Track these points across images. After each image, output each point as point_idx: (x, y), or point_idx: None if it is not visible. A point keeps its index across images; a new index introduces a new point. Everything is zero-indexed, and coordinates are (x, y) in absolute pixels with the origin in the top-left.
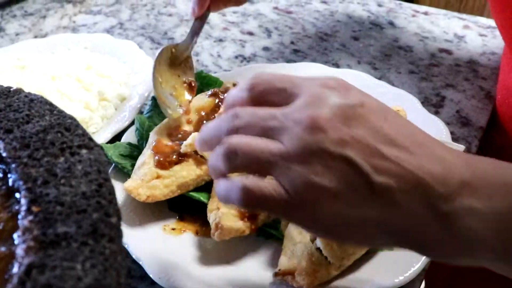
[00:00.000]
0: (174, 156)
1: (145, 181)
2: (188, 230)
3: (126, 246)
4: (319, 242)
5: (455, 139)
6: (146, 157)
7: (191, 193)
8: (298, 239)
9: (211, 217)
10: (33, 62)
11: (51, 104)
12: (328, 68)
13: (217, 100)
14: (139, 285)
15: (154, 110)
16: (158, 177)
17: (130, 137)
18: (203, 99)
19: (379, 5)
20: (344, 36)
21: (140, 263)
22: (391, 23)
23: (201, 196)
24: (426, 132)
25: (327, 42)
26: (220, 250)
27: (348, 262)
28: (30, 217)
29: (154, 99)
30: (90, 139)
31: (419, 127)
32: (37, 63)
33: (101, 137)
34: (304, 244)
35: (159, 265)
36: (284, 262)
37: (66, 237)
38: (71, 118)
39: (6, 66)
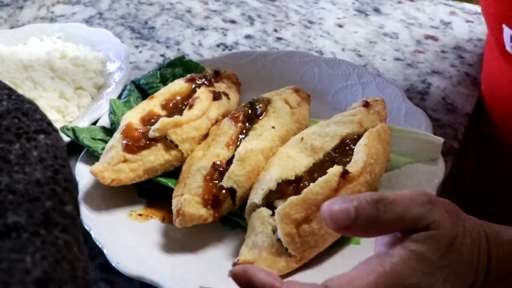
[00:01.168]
0: (143, 141)
1: (111, 164)
2: (155, 217)
3: (89, 231)
4: (280, 233)
5: (441, 126)
6: (115, 141)
7: (159, 178)
8: (260, 229)
9: (174, 203)
10: (4, 52)
11: (9, 89)
12: (311, 54)
13: (193, 86)
14: (117, 279)
15: (132, 95)
16: (125, 161)
17: (105, 121)
18: (180, 84)
19: None
20: (328, 23)
21: (101, 247)
22: (377, 10)
23: (169, 182)
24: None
25: (310, 29)
26: (185, 238)
27: (309, 255)
28: None
29: (133, 83)
30: (49, 123)
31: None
32: (8, 53)
33: (79, 125)
34: (266, 234)
35: (120, 251)
36: (245, 252)
37: (16, 227)
38: (30, 102)
39: None
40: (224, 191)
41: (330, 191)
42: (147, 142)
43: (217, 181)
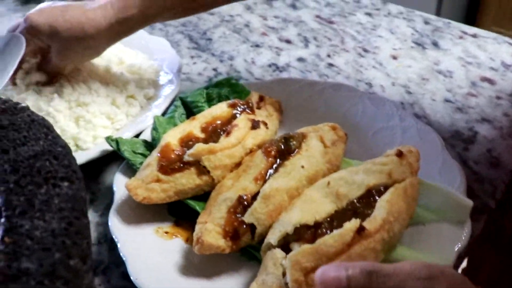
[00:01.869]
0: (177, 164)
1: (145, 182)
2: (179, 236)
3: (116, 242)
4: (288, 279)
5: (480, 180)
6: (152, 159)
7: (189, 201)
8: (271, 269)
9: (196, 229)
10: None
11: (48, 128)
12: (357, 89)
13: (234, 111)
14: None
15: (177, 111)
16: (158, 180)
17: (147, 135)
18: (222, 108)
19: (426, 23)
20: (382, 53)
21: (124, 260)
22: (435, 44)
23: (197, 205)
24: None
25: (364, 58)
26: (203, 263)
27: None
28: (1, 247)
29: (180, 99)
30: (74, 171)
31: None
32: None
33: (124, 135)
34: (276, 276)
35: (141, 267)
36: None
37: (27, 273)
38: (63, 146)
39: None
40: (245, 225)
41: (343, 245)
42: (181, 165)
43: (240, 215)
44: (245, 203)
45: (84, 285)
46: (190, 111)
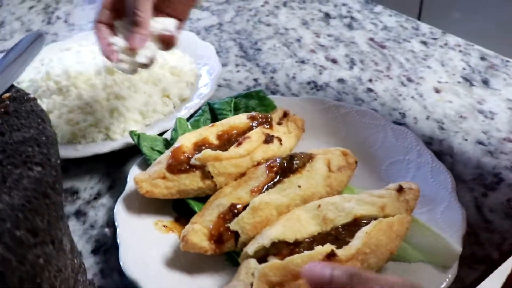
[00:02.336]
0: (184, 165)
1: (151, 177)
2: (176, 232)
3: (116, 226)
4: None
5: (490, 230)
6: (163, 157)
7: (190, 200)
8: (242, 277)
9: (185, 228)
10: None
11: (43, 119)
12: (382, 118)
13: (252, 124)
14: None
15: (203, 116)
16: (164, 178)
17: (170, 135)
18: (241, 119)
19: (482, 58)
20: (426, 85)
21: (119, 246)
22: (485, 82)
23: (196, 206)
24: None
25: (405, 88)
26: (189, 261)
27: None
28: None
29: (208, 105)
30: (49, 159)
31: None
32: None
33: (150, 132)
34: (244, 284)
35: (131, 254)
36: None
37: None
38: (48, 136)
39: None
40: (230, 232)
41: None
42: (188, 167)
43: (228, 221)
44: (236, 211)
45: (30, 257)
46: (216, 117)
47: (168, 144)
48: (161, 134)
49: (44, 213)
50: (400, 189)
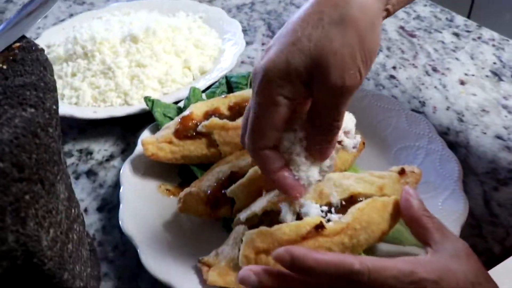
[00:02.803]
0: (191, 132)
1: (158, 141)
2: (177, 196)
3: (121, 185)
4: (240, 252)
5: (496, 224)
6: (172, 123)
7: (193, 166)
8: (231, 242)
9: (183, 191)
10: (157, 18)
11: (45, 67)
12: (398, 103)
13: None
14: None
15: (219, 88)
16: (170, 142)
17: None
18: None
19: None
20: (451, 77)
21: (120, 203)
22: None
23: (199, 172)
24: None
25: (429, 77)
26: (185, 224)
27: None
28: None
29: (225, 78)
30: (43, 102)
31: None
32: (156, 21)
33: (166, 100)
34: (232, 249)
35: (131, 211)
36: (212, 254)
37: None
38: (46, 82)
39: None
40: (226, 198)
41: (296, 236)
42: (194, 134)
43: (226, 188)
44: (235, 179)
45: (14, 190)
46: (232, 91)
47: (180, 111)
48: (176, 103)
49: (32, 152)
50: (402, 172)
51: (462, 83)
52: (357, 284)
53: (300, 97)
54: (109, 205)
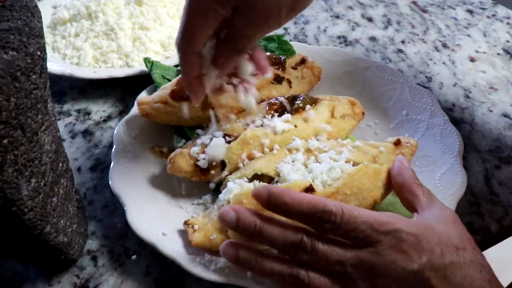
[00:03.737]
0: (187, 94)
1: (153, 100)
2: None
3: (114, 144)
4: None
5: (495, 202)
6: (169, 84)
7: (186, 128)
8: (218, 204)
9: (173, 152)
10: None
11: (33, 13)
12: (401, 75)
13: None
14: None
15: None
16: (165, 103)
17: None
18: None
19: None
20: (461, 53)
21: (111, 161)
22: None
23: (191, 134)
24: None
25: (438, 53)
26: (176, 185)
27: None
28: None
29: None
30: (25, 46)
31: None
32: None
33: (166, 63)
34: (219, 211)
35: (121, 168)
36: (199, 215)
37: None
38: (32, 28)
39: None
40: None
41: None
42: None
43: None
44: (227, 141)
45: None
46: None
47: (179, 74)
48: (177, 66)
49: (11, 95)
50: (397, 143)
51: (472, 60)
52: (329, 224)
53: (227, 15)
54: (102, 165)
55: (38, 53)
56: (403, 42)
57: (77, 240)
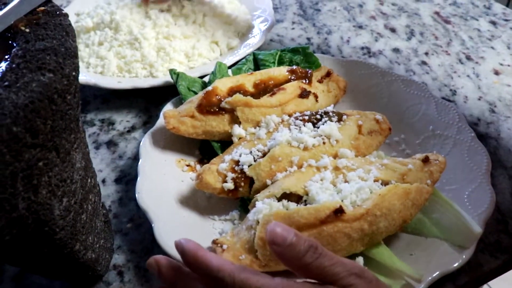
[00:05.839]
0: (214, 107)
1: (180, 114)
2: (196, 172)
3: (140, 158)
4: (256, 233)
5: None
6: (196, 97)
7: (214, 142)
8: (247, 223)
9: (202, 167)
10: None
11: (68, 32)
12: (427, 89)
13: (290, 77)
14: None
15: (246, 65)
16: (192, 116)
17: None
18: (281, 71)
19: None
20: (485, 66)
21: (138, 175)
22: None
23: (219, 149)
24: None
25: (462, 65)
26: (203, 200)
27: (274, 267)
28: None
29: (253, 55)
30: (62, 67)
31: None
32: None
33: (194, 74)
34: (248, 230)
35: (148, 183)
36: (228, 235)
37: None
38: (67, 48)
39: None
40: (245, 177)
41: (315, 220)
42: (217, 109)
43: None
44: (255, 158)
45: (26, 156)
46: (258, 68)
47: (205, 86)
48: (202, 77)
49: (48, 118)
50: (426, 160)
51: (497, 73)
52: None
53: None
54: (127, 177)
55: (73, 73)
56: (426, 53)
57: (104, 256)
